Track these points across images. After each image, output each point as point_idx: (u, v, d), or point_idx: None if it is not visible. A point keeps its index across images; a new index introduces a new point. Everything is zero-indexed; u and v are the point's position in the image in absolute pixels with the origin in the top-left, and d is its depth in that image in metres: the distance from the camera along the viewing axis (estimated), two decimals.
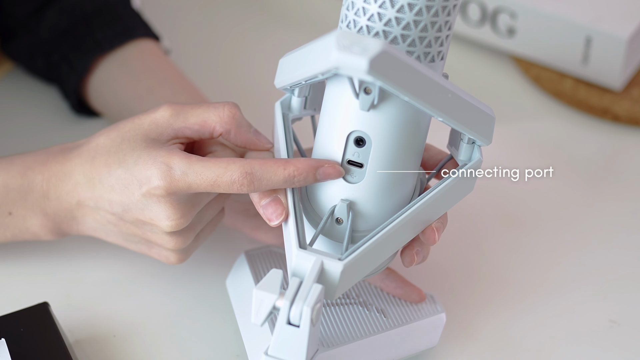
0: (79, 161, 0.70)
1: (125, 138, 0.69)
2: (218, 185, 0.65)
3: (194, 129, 0.69)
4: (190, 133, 0.69)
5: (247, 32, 1.07)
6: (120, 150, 0.68)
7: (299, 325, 0.62)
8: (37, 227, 0.73)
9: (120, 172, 0.68)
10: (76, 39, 0.89)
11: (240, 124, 0.69)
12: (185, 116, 0.69)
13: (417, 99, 0.61)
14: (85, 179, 0.70)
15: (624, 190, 0.91)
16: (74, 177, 0.70)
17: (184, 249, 0.72)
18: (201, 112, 0.69)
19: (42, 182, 0.72)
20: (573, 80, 0.99)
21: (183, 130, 0.69)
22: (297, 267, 0.64)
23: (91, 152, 0.70)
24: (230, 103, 0.69)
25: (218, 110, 0.69)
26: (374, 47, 0.57)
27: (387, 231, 0.65)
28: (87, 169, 0.70)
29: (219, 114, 0.69)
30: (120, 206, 0.69)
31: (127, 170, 0.68)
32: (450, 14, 0.63)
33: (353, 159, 0.65)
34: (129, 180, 0.68)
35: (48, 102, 0.95)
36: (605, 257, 0.84)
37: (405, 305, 0.75)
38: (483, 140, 0.68)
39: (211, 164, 0.65)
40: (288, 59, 0.68)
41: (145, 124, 0.69)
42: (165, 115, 0.69)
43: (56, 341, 0.70)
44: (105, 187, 0.69)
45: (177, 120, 0.69)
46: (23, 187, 0.72)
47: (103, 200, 0.69)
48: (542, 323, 0.78)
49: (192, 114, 0.69)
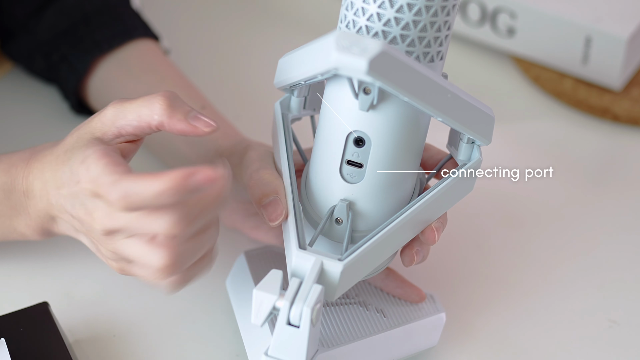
0: (49, 159, 0.69)
1: (79, 137, 0.68)
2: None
3: (133, 125, 0.67)
4: (131, 129, 0.67)
5: (247, 32, 1.07)
6: (73, 148, 0.67)
7: (299, 325, 0.62)
8: (23, 227, 0.73)
9: (66, 168, 0.67)
10: (75, 39, 0.89)
11: (171, 115, 0.66)
12: (125, 113, 0.67)
13: (417, 99, 0.61)
14: (51, 176, 0.68)
15: (623, 190, 0.91)
16: (44, 176, 0.69)
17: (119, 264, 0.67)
18: (136, 107, 0.67)
19: (22, 180, 0.71)
20: (573, 80, 0.99)
21: (125, 127, 0.67)
22: (297, 268, 0.64)
23: (58, 150, 0.69)
24: (161, 94, 0.67)
25: (150, 103, 0.66)
26: (373, 48, 0.57)
27: (387, 231, 0.65)
28: (53, 166, 0.69)
29: (150, 107, 0.66)
30: (67, 201, 0.67)
31: (70, 167, 0.66)
32: (450, 14, 0.63)
33: (352, 159, 0.66)
34: (70, 177, 0.66)
35: (48, 102, 0.95)
36: (606, 257, 0.84)
37: (405, 305, 0.75)
38: (483, 140, 0.68)
39: (108, 171, 0.63)
40: (287, 59, 0.68)
41: (94, 122, 0.68)
42: (108, 113, 0.67)
43: (56, 341, 0.70)
44: (59, 184, 0.67)
45: (118, 118, 0.67)
46: (7, 185, 0.71)
47: (59, 197, 0.68)
48: (542, 323, 0.78)
49: (130, 109, 0.67)
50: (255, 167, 0.70)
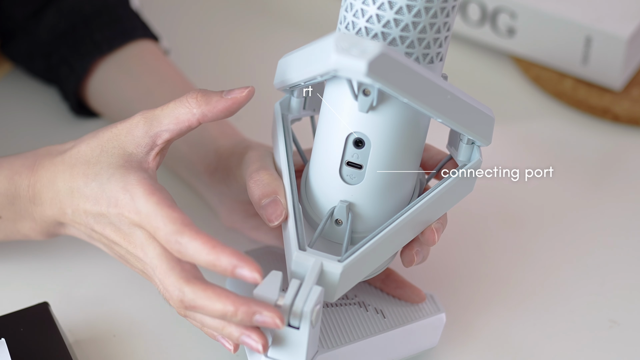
0: (62, 168, 0.69)
1: (104, 149, 0.68)
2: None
3: (170, 129, 0.68)
4: (168, 135, 0.68)
5: (246, 32, 1.07)
6: (98, 162, 0.68)
7: (299, 327, 0.63)
8: (27, 230, 0.73)
9: (95, 185, 0.67)
10: (75, 41, 0.89)
11: (208, 101, 0.68)
12: (158, 120, 0.68)
13: (416, 100, 0.61)
14: (65, 187, 0.69)
15: (624, 190, 0.91)
16: (56, 185, 0.69)
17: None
18: (170, 111, 0.68)
19: (28, 187, 0.71)
20: (573, 80, 0.99)
21: (160, 135, 0.68)
22: (297, 269, 0.64)
23: (72, 159, 0.69)
24: (194, 91, 0.68)
25: (184, 102, 0.68)
26: (372, 49, 0.57)
27: (387, 232, 0.65)
28: (67, 177, 0.69)
29: (185, 105, 0.68)
30: (93, 218, 0.68)
31: (100, 185, 0.67)
32: (449, 15, 0.63)
33: (352, 160, 0.65)
34: (100, 195, 0.67)
35: (47, 103, 0.95)
36: (606, 257, 0.84)
37: (405, 305, 0.75)
38: (482, 140, 0.68)
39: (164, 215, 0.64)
40: (287, 60, 0.68)
41: (122, 135, 0.68)
42: (139, 124, 0.68)
43: (56, 341, 0.70)
44: (81, 197, 0.68)
45: (152, 127, 0.68)
46: (10, 191, 0.72)
47: (78, 211, 0.69)
48: (542, 323, 0.78)
49: (163, 115, 0.68)
50: (255, 167, 0.70)
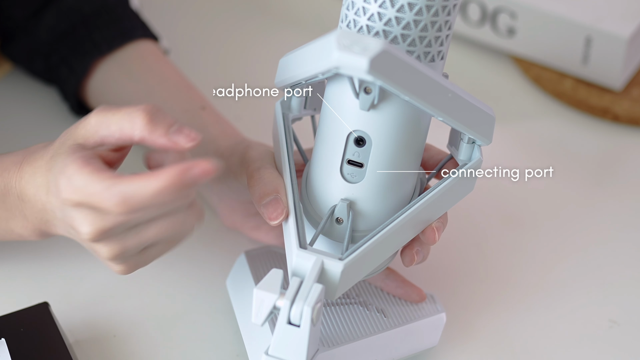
0: (41, 163, 0.68)
1: (62, 142, 0.67)
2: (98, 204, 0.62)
3: (115, 137, 0.65)
4: (114, 141, 0.65)
5: (246, 32, 1.07)
6: (58, 154, 0.66)
7: (300, 325, 0.62)
8: (20, 229, 0.72)
9: (51, 176, 0.66)
10: (75, 41, 0.89)
11: (152, 130, 0.64)
12: (107, 123, 0.65)
13: (417, 98, 0.61)
14: (42, 181, 0.68)
15: (624, 190, 0.91)
16: (36, 181, 0.68)
17: (122, 260, 0.66)
18: (118, 119, 0.65)
19: (15, 183, 0.70)
20: (573, 80, 0.99)
21: (108, 138, 0.65)
22: (298, 267, 0.64)
23: (48, 153, 0.68)
24: (142, 108, 0.65)
25: (131, 117, 0.64)
26: (374, 47, 0.57)
27: (387, 231, 0.65)
28: (43, 171, 0.68)
29: (131, 121, 0.64)
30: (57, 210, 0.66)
31: (54, 175, 0.65)
32: (451, 13, 0.63)
33: (353, 158, 0.65)
34: (52, 184, 0.65)
35: (47, 103, 0.95)
36: (606, 257, 0.84)
37: (406, 305, 0.75)
38: (483, 140, 0.68)
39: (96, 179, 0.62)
40: (288, 58, 0.68)
41: (78, 129, 0.66)
42: (92, 121, 0.66)
43: (56, 341, 0.70)
44: (48, 190, 0.67)
45: (101, 128, 0.65)
46: (1, 189, 0.71)
47: (49, 203, 0.67)
48: (542, 323, 0.78)
49: (113, 121, 0.65)
50: (256, 166, 0.70)
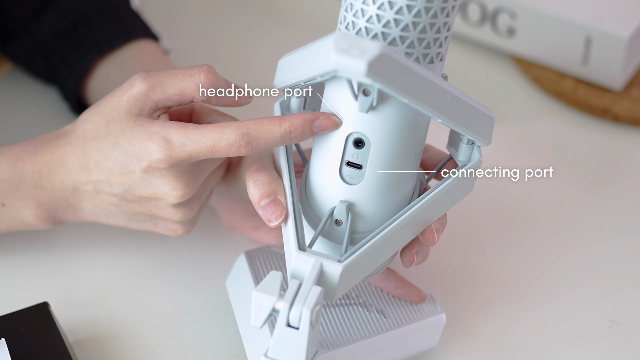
0: (70, 149, 0.70)
1: (110, 120, 0.68)
2: (217, 150, 0.66)
3: (173, 100, 0.68)
4: (170, 103, 0.68)
5: (246, 32, 1.07)
6: (110, 133, 0.68)
7: (299, 327, 0.62)
8: (32, 218, 0.73)
9: (117, 154, 0.68)
10: (75, 40, 0.89)
11: (218, 88, 0.68)
12: (163, 88, 0.68)
13: (416, 100, 0.61)
14: (78, 165, 0.69)
15: (624, 190, 0.91)
16: (66, 165, 0.70)
17: (190, 220, 0.72)
18: (177, 82, 0.68)
19: (33, 172, 0.71)
20: (573, 80, 0.99)
21: (162, 102, 0.68)
22: (297, 269, 0.64)
23: (80, 139, 0.69)
24: (204, 68, 0.68)
25: (194, 77, 0.68)
26: (372, 50, 0.57)
27: (387, 232, 0.65)
28: (79, 156, 0.69)
29: (195, 81, 0.68)
30: (122, 187, 0.69)
31: (123, 151, 0.67)
32: (449, 15, 0.63)
33: (352, 160, 0.65)
34: (127, 160, 0.67)
35: (48, 103, 0.95)
36: (606, 257, 0.84)
37: (405, 305, 0.75)
38: (482, 141, 0.68)
39: (207, 130, 0.66)
40: (287, 60, 0.68)
41: (124, 101, 0.68)
42: (142, 89, 0.68)
43: (56, 341, 0.70)
44: (103, 171, 0.69)
45: (155, 93, 0.68)
46: (14, 178, 0.72)
47: (102, 184, 0.69)
48: (542, 323, 0.78)
49: (168, 85, 0.68)
50: (255, 167, 0.70)
